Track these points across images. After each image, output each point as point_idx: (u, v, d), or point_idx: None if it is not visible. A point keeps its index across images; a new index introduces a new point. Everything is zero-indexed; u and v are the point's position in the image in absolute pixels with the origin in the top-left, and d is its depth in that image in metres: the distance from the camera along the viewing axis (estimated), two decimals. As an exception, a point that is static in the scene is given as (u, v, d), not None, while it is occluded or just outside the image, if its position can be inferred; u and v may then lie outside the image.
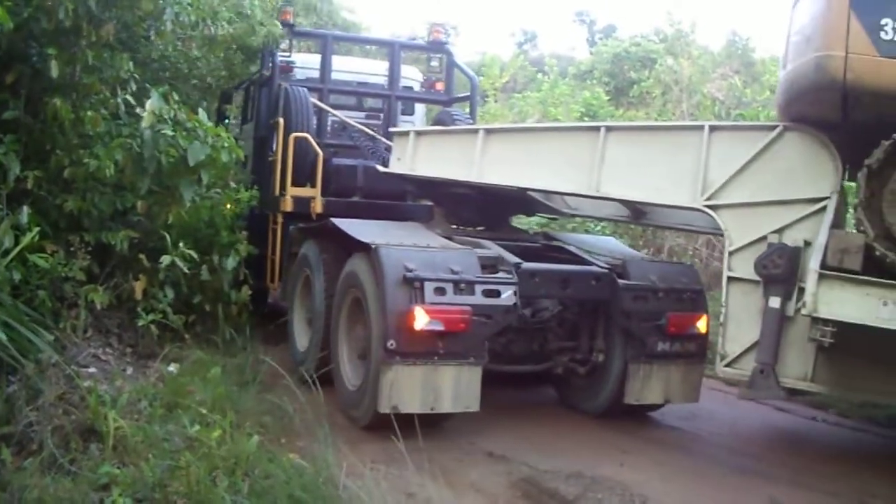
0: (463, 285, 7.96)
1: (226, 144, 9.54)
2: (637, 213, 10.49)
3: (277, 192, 11.54)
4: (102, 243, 9.11)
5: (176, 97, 9.36)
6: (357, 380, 8.61)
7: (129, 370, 8.26)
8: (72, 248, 8.62)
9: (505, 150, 9.57)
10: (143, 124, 8.74)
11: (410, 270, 7.87)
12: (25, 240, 7.54)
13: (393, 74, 13.14)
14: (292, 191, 11.26)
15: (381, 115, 13.35)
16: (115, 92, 9.33)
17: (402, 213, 11.30)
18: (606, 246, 10.54)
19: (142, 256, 9.17)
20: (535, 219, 14.30)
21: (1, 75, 8.46)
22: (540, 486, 7.10)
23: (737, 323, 8.01)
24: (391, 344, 7.73)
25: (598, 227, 15.33)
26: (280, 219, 11.60)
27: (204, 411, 6.72)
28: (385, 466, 6.89)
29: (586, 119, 20.56)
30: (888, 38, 6.85)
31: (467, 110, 13.56)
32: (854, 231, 7.41)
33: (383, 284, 7.92)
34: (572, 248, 9.81)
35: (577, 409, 9.50)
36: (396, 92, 13.22)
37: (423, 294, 7.79)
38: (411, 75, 14.17)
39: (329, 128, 12.88)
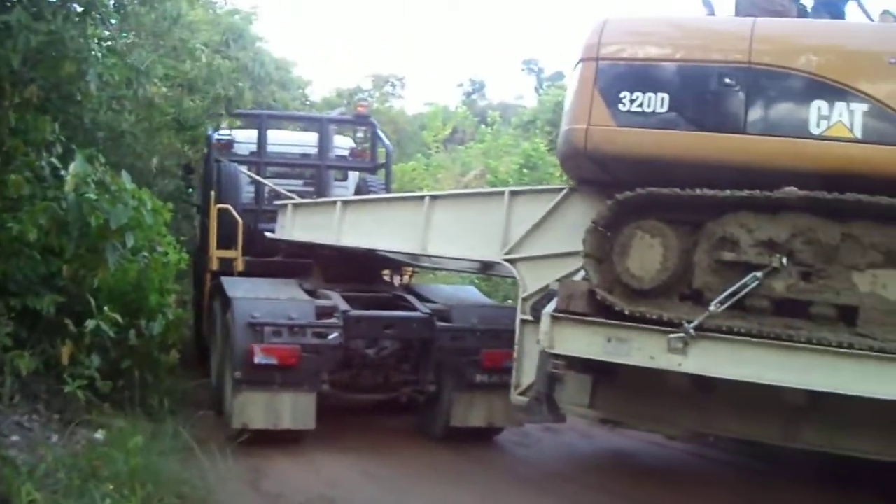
0: (296, 329, 9.99)
1: (149, 206, 9.48)
2: (485, 265, 12.01)
3: (209, 253, 13.17)
4: (29, 308, 8.98)
5: (102, 159, 9.30)
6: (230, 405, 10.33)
7: (54, 438, 8.22)
8: (-4, 314, 8.46)
9: (357, 218, 11.40)
10: (67, 188, 8.63)
11: (254, 317, 9.92)
12: (-53, 305, 7.41)
13: (323, 145, 14.81)
14: (217, 253, 13.00)
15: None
16: (40, 154, 9.19)
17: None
18: (458, 294, 12.61)
19: (68, 321, 9.01)
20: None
21: (-76, 138, 8.35)
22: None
23: (529, 358, 9.14)
24: (237, 374, 9.81)
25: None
26: (209, 277, 13.11)
27: (111, 487, 6.60)
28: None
29: (525, 170, 20.74)
30: (625, 109, 8.05)
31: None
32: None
33: (234, 328, 10.05)
34: (410, 298, 11.68)
35: (423, 433, 11.29)
36: (326, 161, 14.84)
37: (262, 335, 9.82)
38: (342, 144, 15.87)
39: (266, 196, 14.24)
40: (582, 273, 8.39)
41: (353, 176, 15.88)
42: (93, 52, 9.27)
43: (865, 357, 6.91)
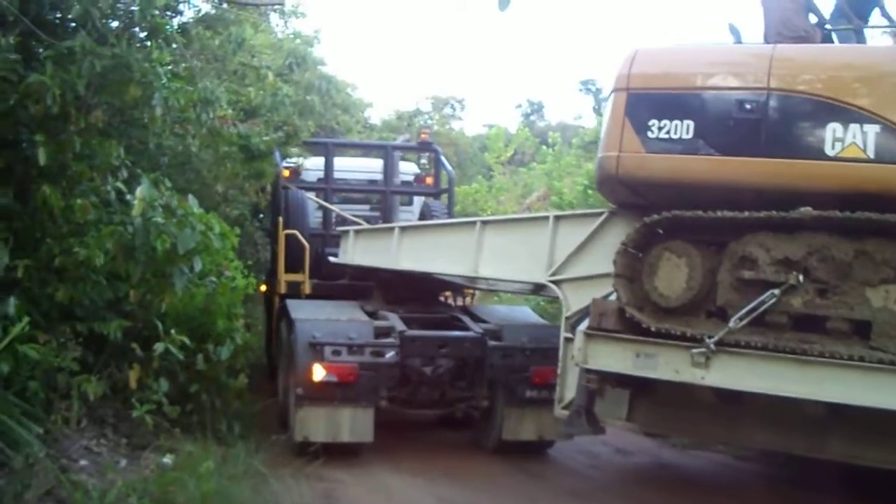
0: (355, 348, 10.67)
1: (217, 231, 9.51)
2: (537, 287, 12.14)
3: (277, 277, 13.97)
4: (96, 332, 9.03)
5: (168, 183, 9.31)
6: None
7: (123, 462, 8.34)
8: (62, 340, 8.43)
9: (413, 243, 12.01)
10: (133, 212, 8.63)
11: (315, 337, 10.63)
12: (15, 330, 7.50)
13: (387, 172, 15.57)
14: (285, 276, 13.71)
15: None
16: (106, 179, 9.21)
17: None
18: (511, 315, 13.23)
19: (135, 346, 9.01)
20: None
21: (-11, 162, 8.40)
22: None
23: (572, 374, 9.58)
24: (300, 391, 10.52)
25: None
26: (277, 299, 13.92)
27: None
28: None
29: (590, 192, 20.71)
30: (654, 136, 8.49)
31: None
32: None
33: (296, 347, 10.78)
34: (465, 319, 12.24)
35: (478, 446, 11.91)
36: (391, 187, 15.79)
37: (322, 354, 10.48)
38: (407, 170, 16.80)
39: (334, 221, 15.04)
40: None
41: (418, 201, 16.54)
42: (158, 76, 9.25)
43: (876, 370, 7.27)
